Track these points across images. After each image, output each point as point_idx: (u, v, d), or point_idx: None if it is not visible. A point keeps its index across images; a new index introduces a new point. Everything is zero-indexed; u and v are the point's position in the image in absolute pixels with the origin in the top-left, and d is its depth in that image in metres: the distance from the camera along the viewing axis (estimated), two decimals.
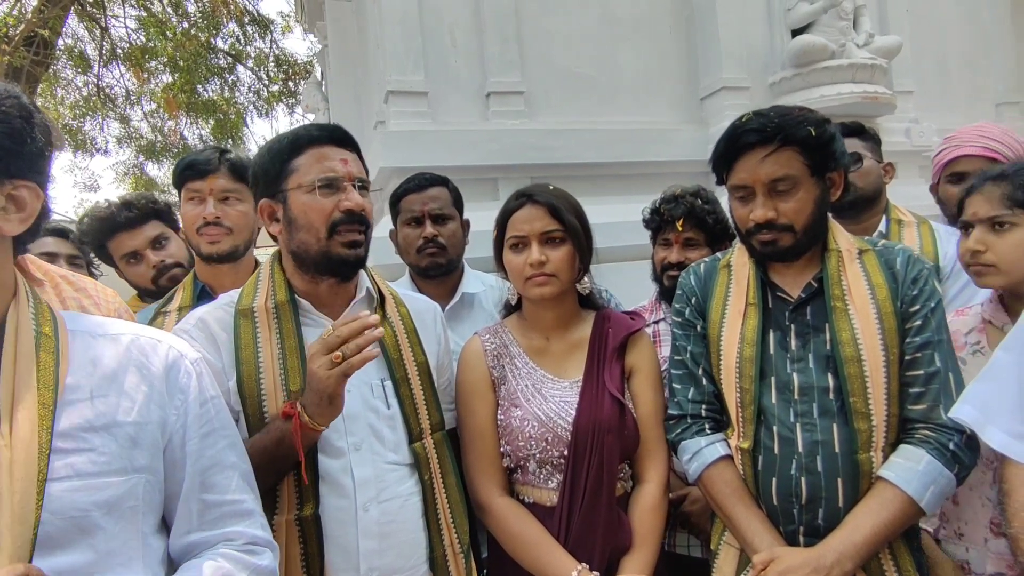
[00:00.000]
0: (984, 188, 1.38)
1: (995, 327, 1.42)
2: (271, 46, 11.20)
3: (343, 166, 1.24)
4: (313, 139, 1.25)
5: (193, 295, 1.74)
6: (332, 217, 1.22)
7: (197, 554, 0.90)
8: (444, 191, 1.93)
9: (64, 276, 1.33)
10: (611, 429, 1.34)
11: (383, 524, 1.21)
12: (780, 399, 1.29)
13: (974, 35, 4.17)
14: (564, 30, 3.21)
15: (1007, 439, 1.08)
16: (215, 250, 1.69)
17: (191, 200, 1.71)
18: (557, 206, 1.39)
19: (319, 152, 1.23)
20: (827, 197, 1.31)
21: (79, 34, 9.81)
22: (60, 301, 1.27)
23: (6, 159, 0.78)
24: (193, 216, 1.69)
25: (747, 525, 1.26)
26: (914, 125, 3.57)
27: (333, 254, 1.23)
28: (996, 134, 1.92)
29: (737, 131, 1.29)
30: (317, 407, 1.09)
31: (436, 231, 1.87)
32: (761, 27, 3.41)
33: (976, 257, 1.37)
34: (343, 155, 1.25)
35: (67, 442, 0.78)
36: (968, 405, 1.14)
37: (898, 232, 1.96)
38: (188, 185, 1.71)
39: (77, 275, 1.37)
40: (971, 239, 1.38)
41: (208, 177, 1.69)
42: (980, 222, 1.37)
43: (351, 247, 1.23)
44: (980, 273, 1.39)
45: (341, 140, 1.27)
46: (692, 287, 1.45)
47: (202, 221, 1.68)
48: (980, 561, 1.34)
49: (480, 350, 1.47)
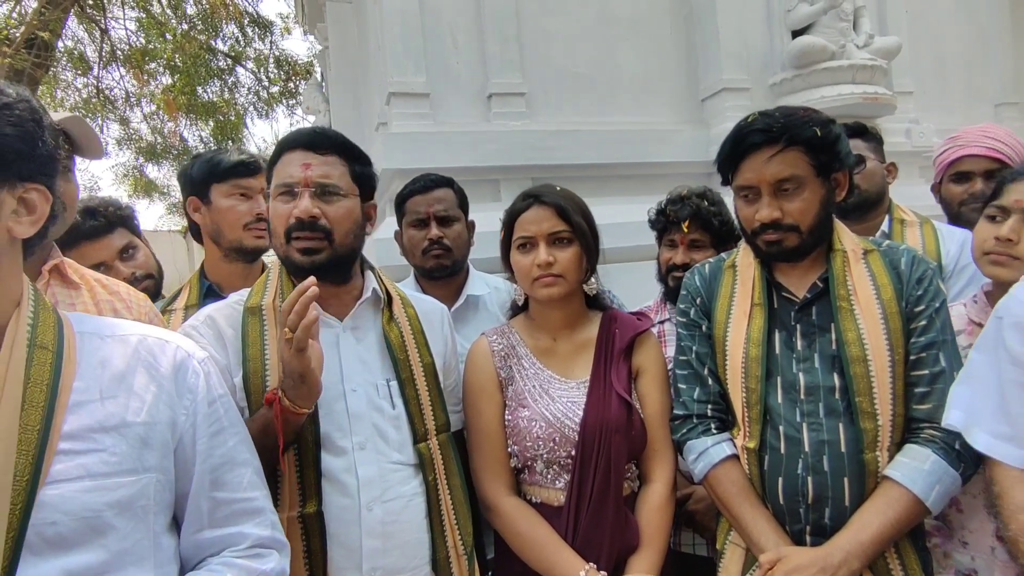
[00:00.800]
0: None
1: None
2: (271, 47, 11.21)
3: (302, 171, 1.23)
4: (286, 145, 1.27)
5: (200, 294, 1.75)
6: (287, 223, 1.23)
7: (203, 559, 0.90)
8: (449, 192, 1.93)
9: (99, 279, 1.35)
10: (618, 429, 1.34)
11: (386, 524, 1.21)
12: (786, 399, 1.29)
13: (973, 36, 4.18)
14: (565, 31, 3.21)
15: (991, 440, 1.08)
16: (263, 244, 1.75)
17: (236, 195, 1.75)
18: (564, 207, 1.39)
19: (287, 158, 1.25)
20: (832, 197, 1.31)
21: (79, 36, 9.83)
22: (95, 304, 1.28)
23: (19, 162, 0.79)
24: (242, 211, 1.74)
25: (754, 525, 1.27)
26: (914, 126, 3.58)
27: (290, 259, 1.24)
28: (1001, 135, 1.93)
29: (743, 131, 1.29)
30: (293, 389, 1.11)
31: (441, 232, 1.86)
32: (761, 28, 3.42)
33: (1005, 246, 1.32)
34: (308, 159, 1.24)
35: (77, 443, 0.79)
36: (956, 409, 1.15)
37: (901, 231, 1.97)
38: (238, 181, 1.74)
39: (110, 279, 1.38)
40: (1005, 227, 1.32)
41: (259, 175, 1.74)
42: (1021, 211, 1.31)
43: (304, 253, 1.23)
44: (1001, 263, 1.33)
45: (314, 144, 1.25)
46: (697, 287, 1.45)
47: (253, 218, 1.73)
48: (987, 570, 1.32)
49: (487, 351, 1.48)
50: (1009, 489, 1.06)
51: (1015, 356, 1.06)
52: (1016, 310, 1.08)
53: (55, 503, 0.75)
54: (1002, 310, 1.11)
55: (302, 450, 1.18)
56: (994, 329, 1.11)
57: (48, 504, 0.75)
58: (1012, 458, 1.06)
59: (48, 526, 0.74)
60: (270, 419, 1.12)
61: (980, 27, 4.20)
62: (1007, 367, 1.07)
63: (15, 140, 0.77)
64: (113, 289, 1.36)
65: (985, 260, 1.37)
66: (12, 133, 0.77)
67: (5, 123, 0.77)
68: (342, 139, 1.30)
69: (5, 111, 0.77)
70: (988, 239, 1.36)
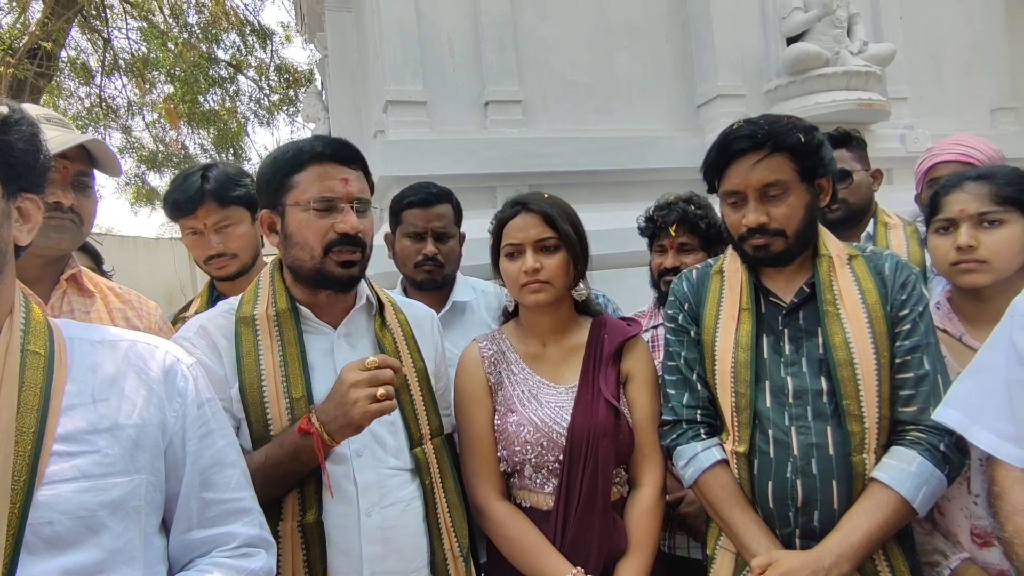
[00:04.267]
0: (966, 186, 1.37)
1: (952, 337, 1.39)
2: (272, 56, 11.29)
3: (343, 186, 1.22)
4: (316, 155, 1.23)
5: (209, 302, 1.80)
6: (327, 237, 1.22)
7: (192, 560, 0.92)
8: (449, 208, 1.93)
9: (112, 288, 1.38)
10: (606, 434, 1.35)
11: (385, 529, 1.22)
12: (775, 403, 1.30)
13: (968, 41, 4.20)
14: (561, 39, 3.24)
15: (996, 440, 1.07)
16: (225, 273, 1.80)
17: (190, 235, 1.79)
18: (551, 214, 1.41)
19: (321, 170, 1.22)
20: (817, 203, 1.33)
21: (82, 46, 9.91)
22: (108, 312, 1.32)
23: (24, 175, 0.82)
24: (198, 252, 1.80)
25: (744, 529, 1.27)
26: (909, 131, 3.60)
27: (327, 272, 1.24)
28: (971, 141, 2.04)
29: (728, 138, 1.31)
30: (341, 430, 1.11)
31: (437, 249, 1.86)
32: (756, 35, 3.45)
33: (967, 253, 1.34)
34: (345, 174, 1.24)
35: (72, 445, 0.80)
36: (951, 408, 1.15)
37: (885, 234, 2.00)
38: (182, 222, 1.78)
39: (124, 288, 1.42)
40: (963, 235, 1.34)
41: (198, 213, 1.74)
42: (968, 219, 1.35)
43: (345, 267, 1.24)
44: (968, 271, 1.35)
45: (345, 158, 1.25)
46: (685, 293, 1.47)
47: (207, 256, 1.78)
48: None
49: (477, 356, 1.49)
50: (1009, 489, 1.06)
51: (1022, 355, 1.05)
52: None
53: (51, 503, 0.77)
54: (1015, 308, 1.10)
55: None
56: (1007, 327, 1.10)
57: (44, 504, 0.76)
58: (1015, 458, 1.05)
59: (45, 526, 0.76)
60: (303, 448, 1.12)
61: (975, 33, 4.22)
62: (1015, 367, 1.06)
63: (24, 154, 0.81)
64: (125, 298, 1.39)
65: (954, 272, 1.38)
66: (23, 148, 0.81)
67: (16, 138, 0.80)
68: (360, 152, 1.31)
69: (16, 127, 0.81)
70: (948, 251, 1.38)
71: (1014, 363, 1.06)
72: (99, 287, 1.35)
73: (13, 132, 0.80)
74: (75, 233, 1.25)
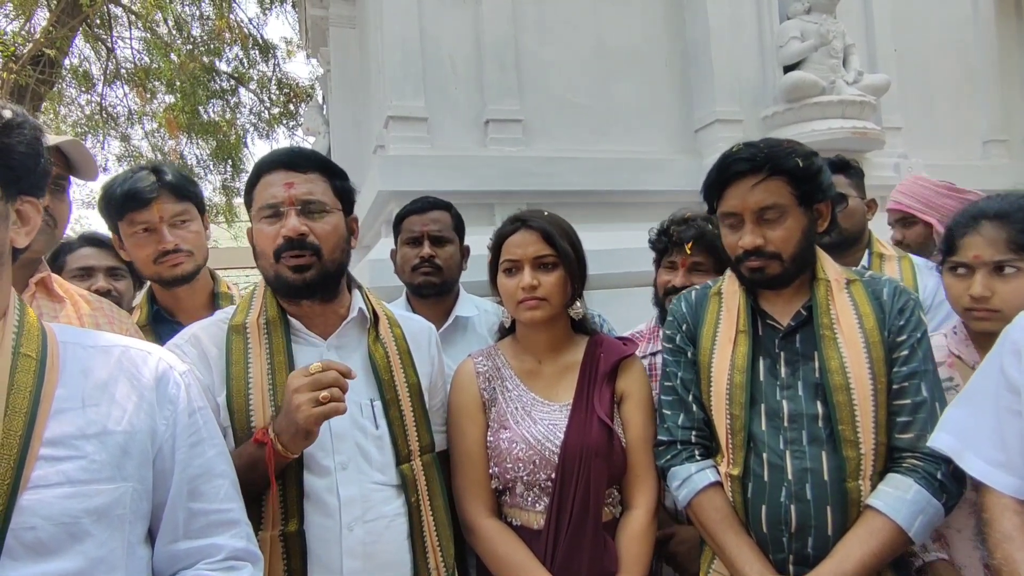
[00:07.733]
0: (982, 229, 1.33)
1: (965, 364, 1.40)
2: (274, 70, 11.37)
3: (285, 190, 1.23)
4: (263, 167, 1.27)
5: (149, 315, 1.70)
6: (275, 243, 1.23)
7: (177, 572, 0.90)
8: (446, 215, 1.96)
9: (83, 295, 1.37)
10: (599, 453, 1.34)
11: (367, 544, 1.20)
12: (770, 426, 1.29)
13: (961, 73, 4.27)
14: (562, 61, 3.28)
15: (986, 467, 1.08)
16: (180, 272, 1.63)
17: (140, 231, 1.60)
18: (550, 231, 1.41)
19: (267, 179, 1.25)
20: (814, 227, 1.33)
21: (85, 54, 9.97)
22: (78, 317, 1.30)
23: (24, 178, 0.83)
24: (147, 250, 1.61)
25: (737, 553, 1.26)
26: (903, 160, 3.65)
27: (283, 278, 1.24)
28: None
29: (728, 160, 1.32)
30: (292, 438, 1.10)
31: (433, 252, 1.89)
32: (754, 62, 3.50)
33: (982, 303, 1.32)
34: (290, 179, 1.24)
35: (59, 449, 0.79)
36: (945, 433, 1.14)
37: (879, 265, 2.02)
38: (131, 216, 1.60)
39: (94, 295, 1.41)
40: (978, 285, 1.32)
41: (153, 205, 1.59)
42: (983, 265, 1.33)
43: (297, 271, 1.23)
44: (984, 319, 1.33)
45: (292, 164, 1.26)
46: (683, 314, 1.46)
47: (160, 252, 1.60)
48: None
49: (472, 372, 1.48)
50: (999, 516, 1.05)
51: (1011, 382, 1.06)
52: (1016, 336, 1.08)
53: (34, 508, 0.75)
54: (1006, 335, 1.10)
55: (285, 469, 1.17)
56: (998, 354, 1.11)
57: (27, 509, 0.75)
58: (1004, 485, 1.05)
59: (27, 531, 0.75)
60: (258, 458, 1.11)
61: (968, 65, 4.30)
62: (1003, 393, 1.07)
63: (25, 158, 0.82)
64: (96, 305, 1.38)
65: (968, 316, 1.39)
66: (25, 151, 0.82)
67: (18, 142, 0.81)
68: (319, 156, 1.32)
69: (18, 131, 0.81)
70: (963, 296, 1.37)
71: (1003, 390, 1.07)
72: (69, 293, 1.34)
73: (15, 135, 0.81)
74: (49, 236, 1.24)
